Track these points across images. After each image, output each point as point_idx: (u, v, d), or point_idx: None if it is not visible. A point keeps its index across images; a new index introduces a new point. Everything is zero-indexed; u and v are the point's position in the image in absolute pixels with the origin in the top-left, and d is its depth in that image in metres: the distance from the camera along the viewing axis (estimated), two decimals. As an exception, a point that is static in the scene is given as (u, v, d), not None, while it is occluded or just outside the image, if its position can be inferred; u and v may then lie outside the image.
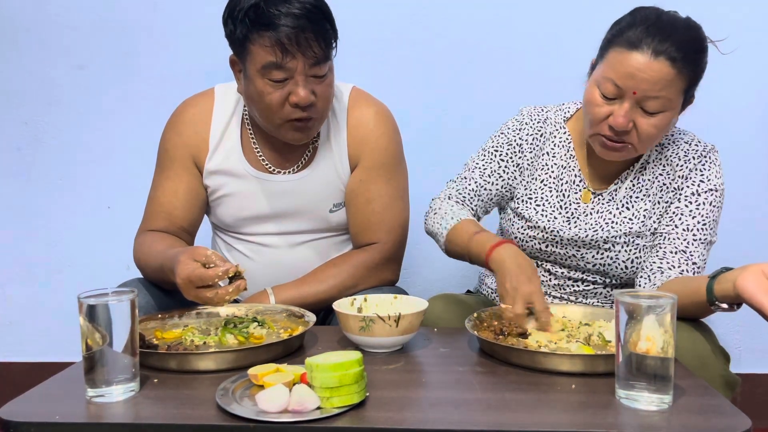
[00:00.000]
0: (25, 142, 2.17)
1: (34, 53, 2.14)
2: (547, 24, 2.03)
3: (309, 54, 1.29)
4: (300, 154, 1.47)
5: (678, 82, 1.25)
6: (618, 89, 1.26)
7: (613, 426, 0.85)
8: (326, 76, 1.34)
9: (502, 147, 1.48)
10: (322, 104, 1.36)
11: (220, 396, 0.92)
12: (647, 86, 1.23)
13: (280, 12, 1.27)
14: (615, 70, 1.26)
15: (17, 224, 2.21)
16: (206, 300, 1.20)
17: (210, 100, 1.49)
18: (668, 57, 1.22)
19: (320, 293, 1.42)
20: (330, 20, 1.33)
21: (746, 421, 0.85)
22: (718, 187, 1.36)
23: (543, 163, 1.46)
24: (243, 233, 1.52)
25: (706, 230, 1.34)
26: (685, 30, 1.26)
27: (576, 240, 1.41)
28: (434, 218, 1.46)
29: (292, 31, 1.26)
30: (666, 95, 1.25)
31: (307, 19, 1.27)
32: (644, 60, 1.23)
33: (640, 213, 1.39)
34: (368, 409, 0.90)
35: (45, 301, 2.22)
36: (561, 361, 1.03)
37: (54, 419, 0.89)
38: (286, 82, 1.31)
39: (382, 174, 1.47)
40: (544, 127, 1.48)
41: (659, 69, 1.22)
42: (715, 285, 1.09)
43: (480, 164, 1.49)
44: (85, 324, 0.93)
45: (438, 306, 1.35)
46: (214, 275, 1.18)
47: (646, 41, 1.23)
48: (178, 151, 1.47)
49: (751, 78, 2.01)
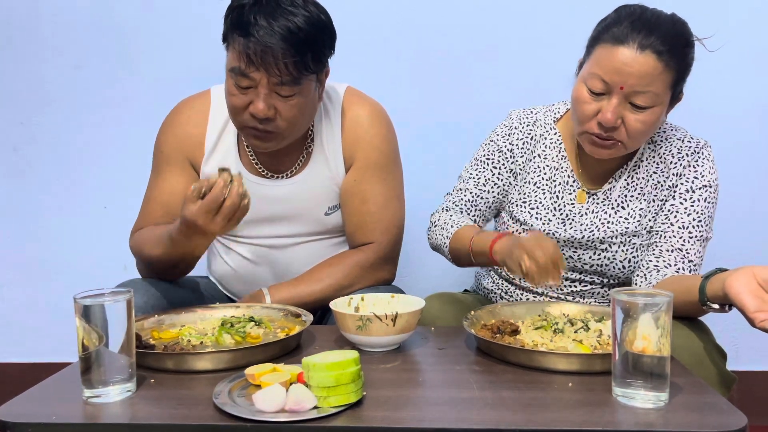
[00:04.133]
0: (21, 142, 2.17)
1: (30, 53, 2.13)
2: (543, 24, 2.03)
3: (273, 73, 1.26)
4: (294, 158, 1.47)
5: (665, 76, 1.25)
6: (605, 85, 1.26)
7: (609, 424, 0.85)
8: (293, 98, 1.30)
9: (493, 155, 1.47)
10: (285, 124, 1.32)
11: (217, 396, 0.91)
12: (634, 81, 1.23)
13: (258, 23, 1.24)
14: (601, 66, 1.26)
15: (13, 224, 2.20)
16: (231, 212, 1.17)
17: (206, 102, 1.48)
18: (654, 50, 1.23)
19: (316, 293, 1.42)
20: (315, 48, 1.29)
21: (742, 418, 0.86)
22: (712, 182, 1.36)
23: (535, 165, 1.45)
24: (240, 236, 1.52)
25: (702, 227, 1.34)
26: (670, 24, 1.26)
27: (572, 241, 1.41)
28: (435, 231, 1.46)
29: (260, 46, 1.24)
30: (653, 90, 1.24)
31: (283, 39, 1.24)
32: (630, 54, 1.23)
33: (635, 212, 1.39)
34: (365, 408, 0.90)
35: (41, 301, 2.22)
36: (558, 359, 1.03)
37: (51, 420, 0.89)
38: (250, 89, 1.29)
39: (377, 174, 1.47)
40: (534, 130, 1.47)
41: (645, 62, 1.22)
42: (708, 285, 1.10)
43: (474, 174, 1.48)
44: (81, 324, 0.93)
45: (435, 305, 1.35)
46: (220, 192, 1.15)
47: (632, 36, 1.23)
48: (174, 152, 1.46)
49: (749, 74, 2.01)
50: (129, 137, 2.13)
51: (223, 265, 1.57)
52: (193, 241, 1.27)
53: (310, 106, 1.36)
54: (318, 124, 1.46)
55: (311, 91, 1.34)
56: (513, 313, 1.27)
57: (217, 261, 1.58)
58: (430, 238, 1.49)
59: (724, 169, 1.63)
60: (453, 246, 1.40)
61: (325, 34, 1.31)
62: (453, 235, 1.40)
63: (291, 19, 1.25)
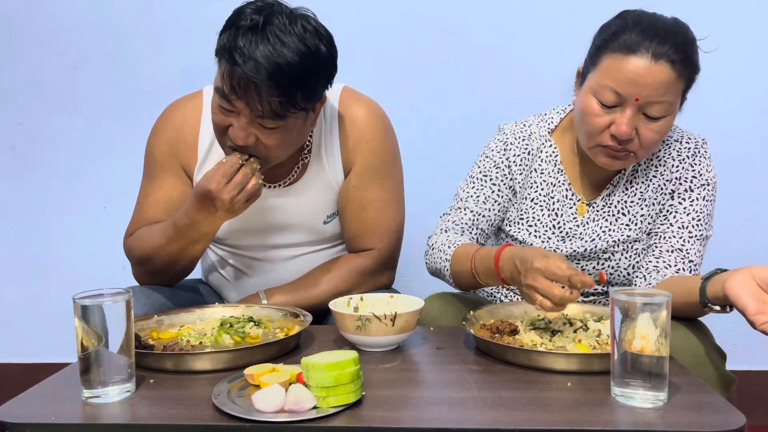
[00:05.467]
0: (19, 142, 2.17)
1: (29, 53, 2.13)
2: (543, 24, 2.03)
3: (254, 107, 1.18)
4: (291, 167, 1.42)
5: (678, 85, 1.22)
6: (619, 97, 1.22)
7: (608, 423, 0.85)
8: (276, 130, 1.23)
9: (490, 171, 1.42)
10: (266, 153, 1.25)
11: (217, 396, 0.91)
12: (650, 91, 1.20)
13: (247, 52, 1.16)
14: (613, 78, 1.21)
15: (12, 224, 2.20)
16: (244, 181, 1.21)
17: (198, 105, 1.44)
18: (668, 59, 1.19)
19: (313, 298, 1.40)
20: (306, 85, 1.20)
21: (741, 417, 0.86)
22: (710, 180, 1.35)
23: (532, 181, 1.41)
24: (235, 246, 1.49)
25: (701, 226, 1.33)
26: (679, 31, 1.23)
27: (575, 255, 1.39)
28: (433, 254, 1.39)
29: (245, 78, 1.16)
30: (668, 99, 1.22)
31: (268, 75, 1.15)
32: (644, 64, 1.19)
33: (636, 218, 1.37)
34: (364, 408, 0.90)
35: (40, 301, 2.22)
36: (557, 359, 1.03)
37: (50, 420, 0.89)
38: (231, 113, 1.23)
39: (376, 178, 1.43)
40: (529, 144, 1.42)
41: (660, 72, 1.19)
42: (708, 287, 1.09)
43: (472, 193, 1.42)
44: (80, 325, 0.93)
45: (434, 305, 1.34)
46: (237, 158, 1.21)
47: (644, 44, 1.19)
48: (167, 159, 1.42)
49: (749, 73, 2.01)
50: (128, 137, 2.13)
51: (219, 278, 1.54)
52: (200, 218, 1.24)
53: (296, 136, 1.29)
54: (315, 130, 1.41)
55: (298, 124, 1.27)
56: (512, 313, 1.27)
57: (214, 275, 1.56)
58: (429, 263, 1.42)
59: (729, 167, 1.64)
60: (454, 268, 1.33)
61: (321, 71, 1.23)
62: (452, 256, 1.32)
63: (282, 53, 1.16)
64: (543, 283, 1.06)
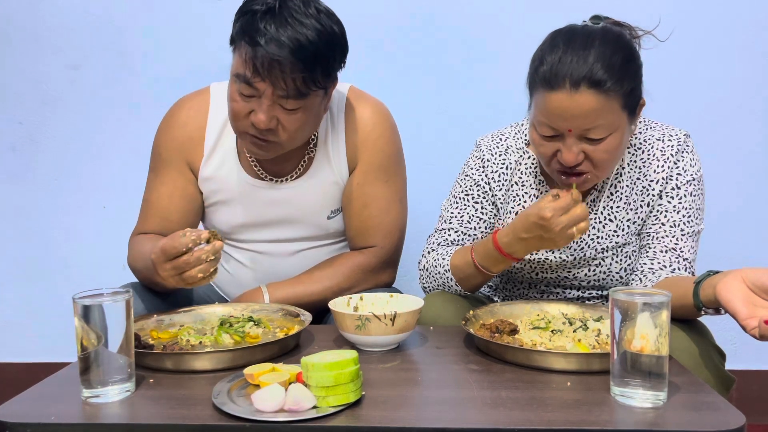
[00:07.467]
0: (19, 142, 2.17)
1: (29, 53, 2.13)
2: (543, 24, 2.03)
3: (279, 86, 1.23)
4: (296, 162, 1.44)
5: (611, 104, 1.18)
6: (554, 130, 1.21)
7: (608, 423, 0.85)
8: (297, 111, 1.27)
9: (471, 189, 1.43)
10: (286, 135, 1.29)
11: (216, 396, 0.92)
12: (579, 122, 1.18)
13: (268, 33, 1.20)
14: (543, 114, 1.20)
15: (11, 224, 2.20)
16: (184, 267, 1.13)
17: (205, 101, 1.46)
18: (590, 83, 1.15)
19: (315, 294, 1.41)
20: (325, 63, 1.25)
21: (740, 417, 0.86)
22: (696, 174, 1.33)
23: (514, 194, 1.41)
24: (238, 240, 1.50)
25: (692, 222, 1.32)
26: (601, 45, 1.18)
27: (565, 264, 1.39)
28: (428, 273, 1.41)
29: (268, 58, 1.20)
30: (603, 122, 1.18)
31: (292, 53, 1.20)
32: (565, 97, 1.16)
33: (624, 224, 1.36)
34: (364, 408, 0.90)
35: (40, 301, 2.22)
36: (556, 359, 1.03)
37: (50, 420, 0.89)
38: (253, 98, 1.26)
39: (380, 176, 1.45)
40: (506, 158, 1.42)
41: (584, 101, 1.16)
42: (701, 290, 1.09)
43: (456, 213, 1.43)
44: (80, 324, 0.93)
45: (434, 304, 1.34)
46: (187, 241, 1.12)
47: (561, 75, 1.16)
48: (172, 154, 1.44)
49: (747, 71, 2.01)
50: (128, 137, 2.14)
51: (223, 272, 1.55)
52: (154, 275, 1.22)
53: (314, 118, 1.33)
54: (321, 127, 1.43)
55: (317, 105, 1.31)
56: (512, 313, 1.27)
57: None
58: (426, 283, 1.42)
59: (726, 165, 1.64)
60: (455, 273, 1.35)
61: (337, 49, 1.28)
62: (450, 264, 1.35)
63: (302, 32, 1.21)
64: (563, 218, 1.17)
